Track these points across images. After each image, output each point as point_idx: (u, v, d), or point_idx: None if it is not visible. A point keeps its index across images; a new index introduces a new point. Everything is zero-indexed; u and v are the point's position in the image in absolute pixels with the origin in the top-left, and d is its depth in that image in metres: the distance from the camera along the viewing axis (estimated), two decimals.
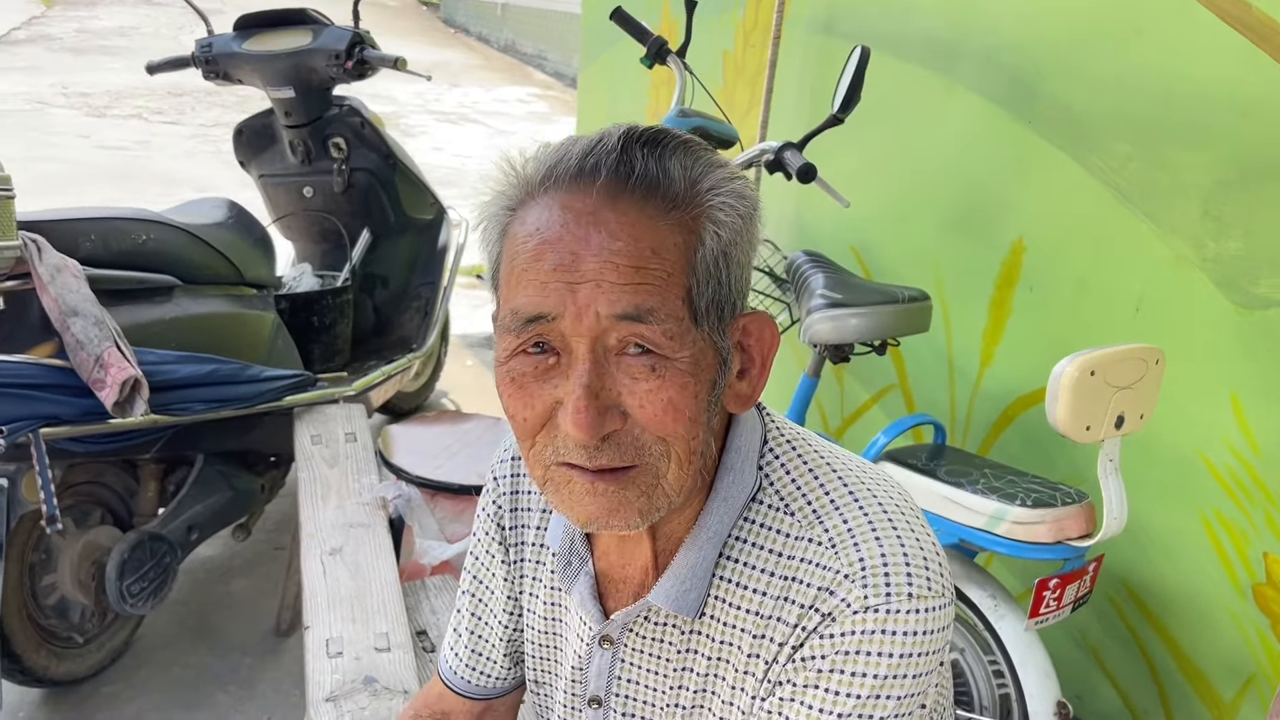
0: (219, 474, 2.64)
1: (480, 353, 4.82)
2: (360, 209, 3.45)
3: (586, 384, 0.77)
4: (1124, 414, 1.74)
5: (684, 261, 0.79)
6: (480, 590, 1.12)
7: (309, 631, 1.85)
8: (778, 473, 0.91)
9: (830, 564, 0.85)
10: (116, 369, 2.09)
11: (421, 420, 2.61)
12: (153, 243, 2.45)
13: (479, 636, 1.13)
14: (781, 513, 0.89)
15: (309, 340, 3.13)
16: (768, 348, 0.88)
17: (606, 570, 0.98)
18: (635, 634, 0.96)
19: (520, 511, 1.07)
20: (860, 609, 0.82)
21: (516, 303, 0.79)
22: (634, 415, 0.79)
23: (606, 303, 0.76)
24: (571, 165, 0.80)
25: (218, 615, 2.79)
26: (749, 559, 0.89)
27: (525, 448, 0.84)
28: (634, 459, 0.80)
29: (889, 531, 0.86)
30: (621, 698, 1.00)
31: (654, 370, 0.78)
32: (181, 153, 8.70)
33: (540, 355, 0.80)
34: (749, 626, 0.89)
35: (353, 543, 2.12)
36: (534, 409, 0.81)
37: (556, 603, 1.05)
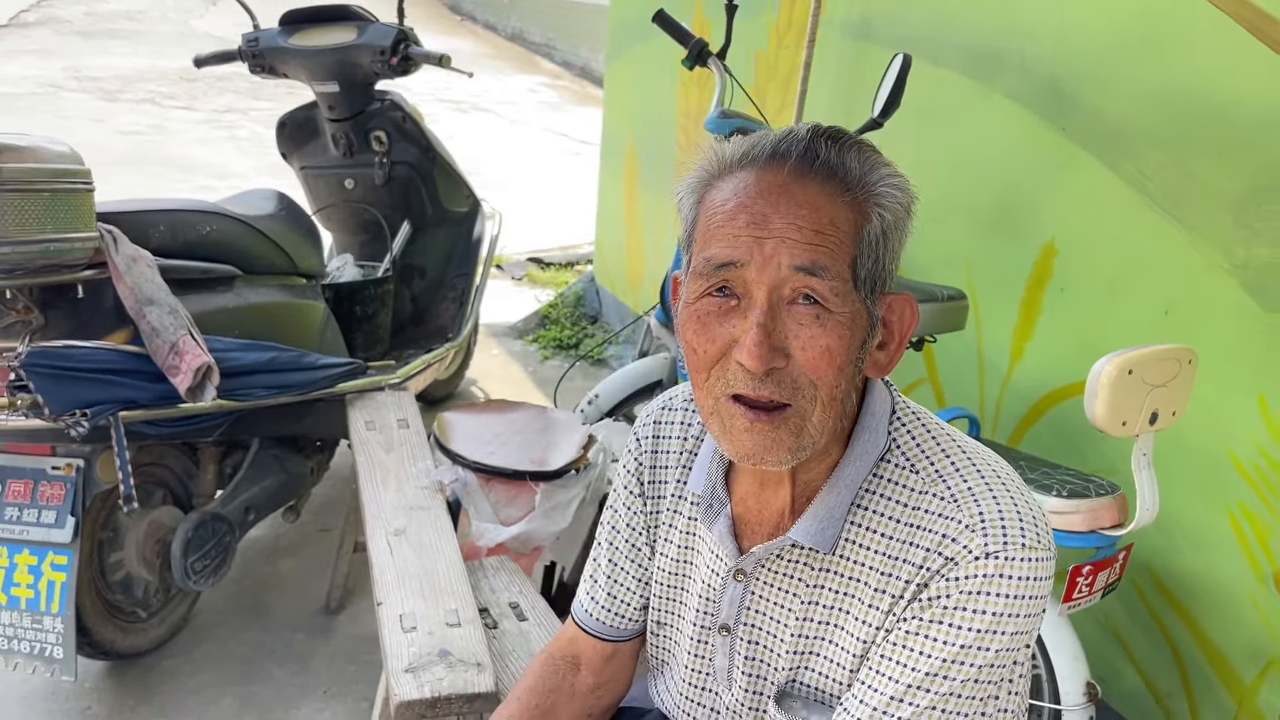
0: (273, 457, 2.74)
1: (505, 342, 4.91)
2: (400, 201, 3.55)
3: (762, 322, 0.92)
4: (1158, 411, 1.85)
5: (853, 234, 0.95)
6: (618, 539, 1.27)
7: (382, 607, 1.94)
8: (904, 438, 1.06)
9: (953, 515, 0.98)
10: (191, 356, 2.19)
11: (472, 408, 2.70)
12: (216, 234, 2.54)
13: (615, 581, 1.28)
14: (908, 471, 1.03)
15: (352, 329, 3.23)
16: (907, 325, 1.03)
17: (743, 514, 1.12)
18: (768, 569, 1.10)
19: (659, 468, 1.22)
20: (981, 554, 0.95)
21: (710, 251, 0.95)
22: (795, 357, 0.93)
23: (789, 255, 0.92)
24: (766, 149, 0.96)
25: (268, 594, 2.89)
26: (878, 507, 1.03)
27: (699, 380, 0.99)
28: (790, 397, 0.94)
29: (1003, 492, 1.00)
30: (749, 626, 1.13)
31: (818, 319, 0.93)
32: (195, 138, 8.76)
33: (723, 298, 0.95)
34: (877, 565, 1.02)
35: (415, 524, 2.22)
36: (714, 343, 0.96)
37: (690, 545, 1.20)
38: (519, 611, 2.07)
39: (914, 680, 0.98)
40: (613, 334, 4.78)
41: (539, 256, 6.20)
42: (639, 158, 4.61)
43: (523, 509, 2.36)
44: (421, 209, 3.57)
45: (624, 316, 4.80)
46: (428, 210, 3.59)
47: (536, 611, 2.07)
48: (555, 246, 6.46)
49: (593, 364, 4.64)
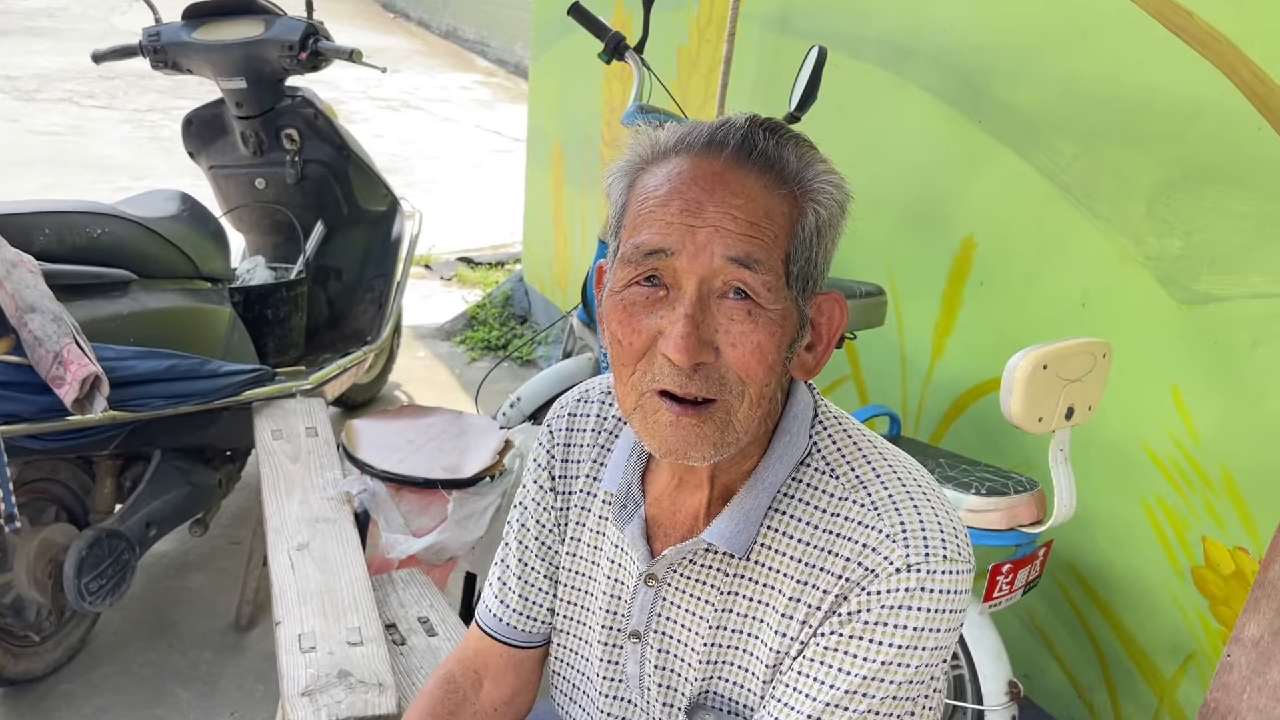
0: (176, 469, 2.63)
1: (432, 344, 4.81)
2: (313, 201, 3.43)
3: (690, 314, 0.88)
4: (1074, 405, 1.82)
5: (788, 228, 0.91)
6: (527, 536, 1.21)
7: (280, 627, 1.85)
8: (825, 442, 1.02)
9: (873, 523, 0.95)
10: (76, 366, 2.07)
11: (384, 415, 2.61)
12: (108, 236, 2.42)
13: (526, 582, 1.21)
14: (828, 476, 1.00)
15: (263, 334, 3.11)
16: (835, 327, 0.99)
17: (657, 516, 1.08)
18: (679, 574, 1.05)
19: (572, 462, 1.17)
20: (902, 567, 0.92)
21: (640, 238, 0.91)
22: (724, 353, 0.90)
23: (722, 245, 0.88)
24: (703, 136, 0.93)
25: (175, 611, 2.77)
26: (796, 512, 0.99)
27: (624, 374, 0.94)
28: (716, 393, 0.90)
29: (924, 501, 0.96)
30: (659, 633, 1.08)
31: (749, 315, 0.89)
32: (116, 139, 8.50)
33: (651, 288, 0.91)
34: (793, 572, 0.98)
35: (320, 538, 2.13)
36: (639, 335, 0.91)
37: (599, 546, 1.14)
38: (429, 626, 1.99)
39: (832, 698, 0.95)
40: (540, 332, 4.70)
41: (469, 256, 6.09)
42: (564, 155, 4.54)
43: (435, 519, 2.28)
44: (336, 208, 3.46)
45: (553, 316, 4.72)
46: (343, 210, 3.48)
47: (447, 625, 1.99)
48: (486, 245, 6.35)
49: (521, 365, 4.56)
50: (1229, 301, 1.86)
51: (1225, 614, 1.91)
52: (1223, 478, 1.89)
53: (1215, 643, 1.94)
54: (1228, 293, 1.86)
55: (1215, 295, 1.88)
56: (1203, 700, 1.68)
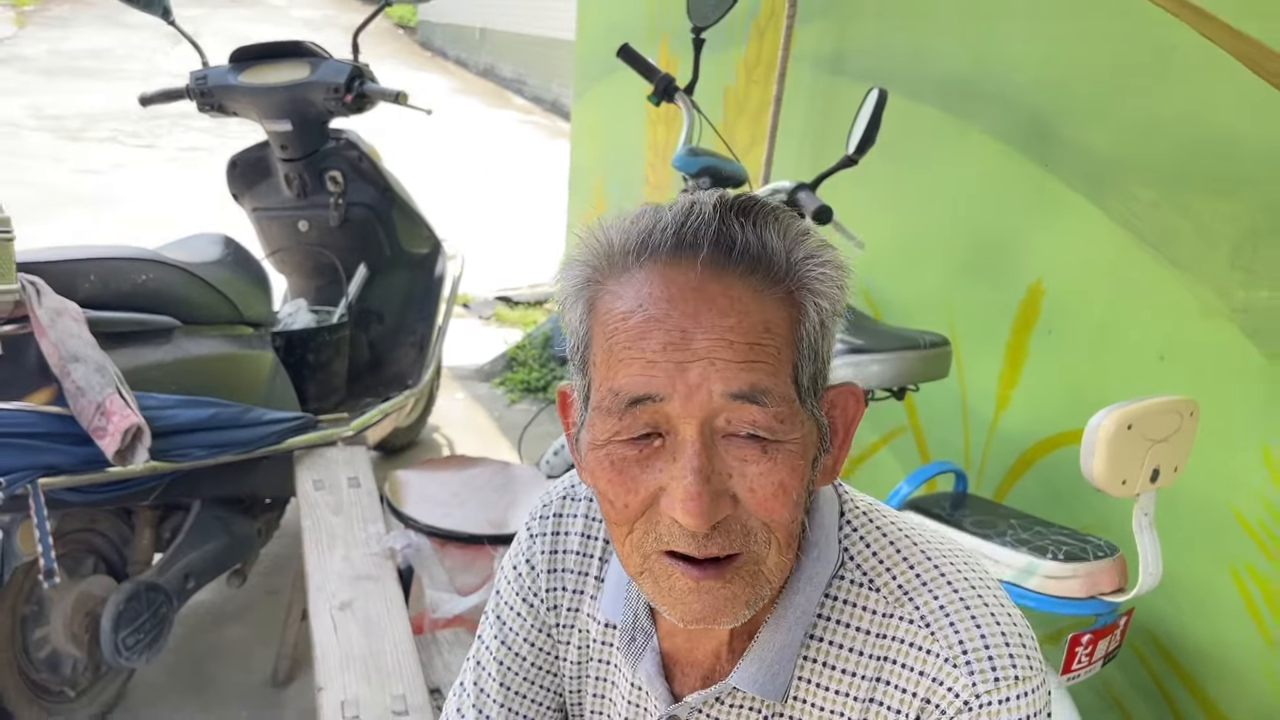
0: (216, 519, 2.57)
1: (470, 386, 4.75)
2: (356, 244, 3.40)
3: (698, 468, 0.74)
4: (1159, 467, 1.72)
5: (791, 337, 0.77)
6: (514, 662, 1.04)
7: (323, 693, 1.78)
8: (857, 546, 0.89)
9: (928, 646, 0.82)
10: (119, 417, 2.02)
11: (427, 465, 2.55)
12: (152, 283, 2.38)
13: (514, 712, 1.04)
14: (866, 589, 0.87)
15: (304, 378, 3.06)
16: (851, 419, 0.86)
17: (672, 651, 0.94)
18: (704, 714, 0.93)
19: (559, 573, 1.01)
20: (970, 699, 0.80)
21: (618, 383, 0.76)
22: (742, 500, 0.76)
23: (721, 381, 0.73)
24: (668, 236, 0.76)
25: (212, 664, 2.70)
26: (836, 638, 0.87)
27: (620, 534, 0.80)
28: (740, 546, 0.77)
29: (982, 609, 0.84)
30: None
31: (765, 452, 0.76)
32: (158, 178, 8.59)
33: (643, 439, 0.77)
34: (846, 711, 0.86)
35: (362, 596, 2.05)
36: (636, 495, 0.78)
37: (606, 677, 1.01)
38: None
39: None
40: None
41: (507, 295, 6.06)
42: (606, 196, 4.49)
43: (480, 576, 2.20)
44: (379, 251, 3.43)
45: None
46: (386, 252, 3.44)
47: None
48: (524, 285, 6.32)
49: None
50: None
51: None
52: None
53: None
54: None
55: None
56: None
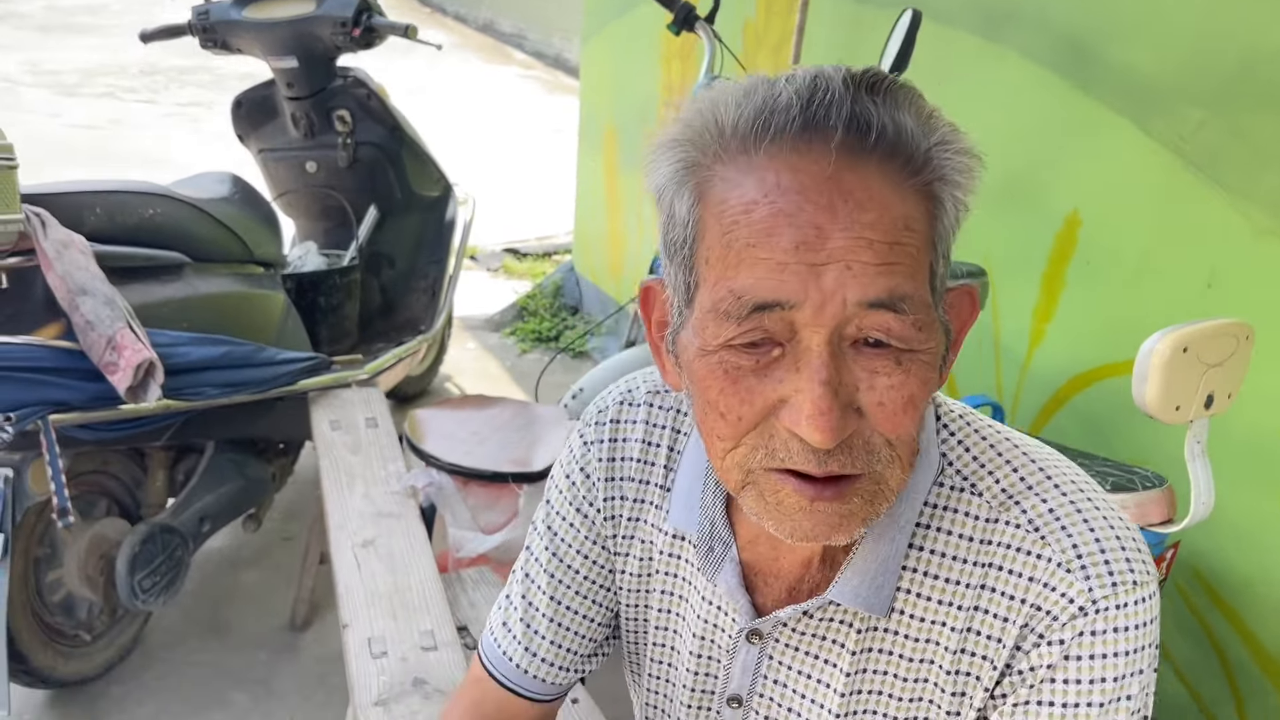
0: (230, 462, 2.52)
1: (481, 335, 4.69)
2: (366, 185, 3.31)
3: (826, 379, 0.66)
4: (1213, 393, 1.66)
5: (930, 234, 0.69)
6: (562, 571, 0.98)
7: (348, 630, 1.73)
8: (956, 451, 0.82)
9: (1039, 550, 0.77)
10: (131, 351, 1.96)
11: (447, 404, 2.49)
12: (160, 217, 2.31)
13: (562, 626, 0.99)
14: (968, 494, 0.80)
15: (315, 322, 3.00)
16: (964, 323, 0.78)
17: (753, 561, 0.88)
18: (793, 630, 0.86)
19: (618, 482, 0.94)
20: (1085, 605, 0.74)
21: (740, 284, 0.67)
22: (869, 414, 0.69)
23: (858, 288, 0.65)
24: (794, 116, 0.67)
25: (229, 609, 2.66)
26: (938, 546, 0.80)
27: (723, 447, 0.73)
28: (863, 466, 0.70)
29: (1093, 512, 0.78)
30: (767, 699, 0.90)
31: (899, 364, 0.68)
32: (157, 132, 8.47)
33: (760, 346, 0.69)
34: (950, 621, 0.80)
35: (385, 534, 2.00)
36: (751, 406, 0.70)
37: (674, 591, 0.94)
38: None
39: None
40: (595, 324, 4.56)
41: (515, 247, 5.98)
42: (619, 139, 4.39)
43: (505, 514, 2.15)
44: (389, 193, 3.34)
45: (606, 306, 4.58)
46: (396, 194, 3.36)
47: None
48: (531, 237, 6.23)
49: (574, 357, 4.42)
50: None
51: None
52: None
53: None
54: None
55: None
56: None
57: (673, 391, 0.93)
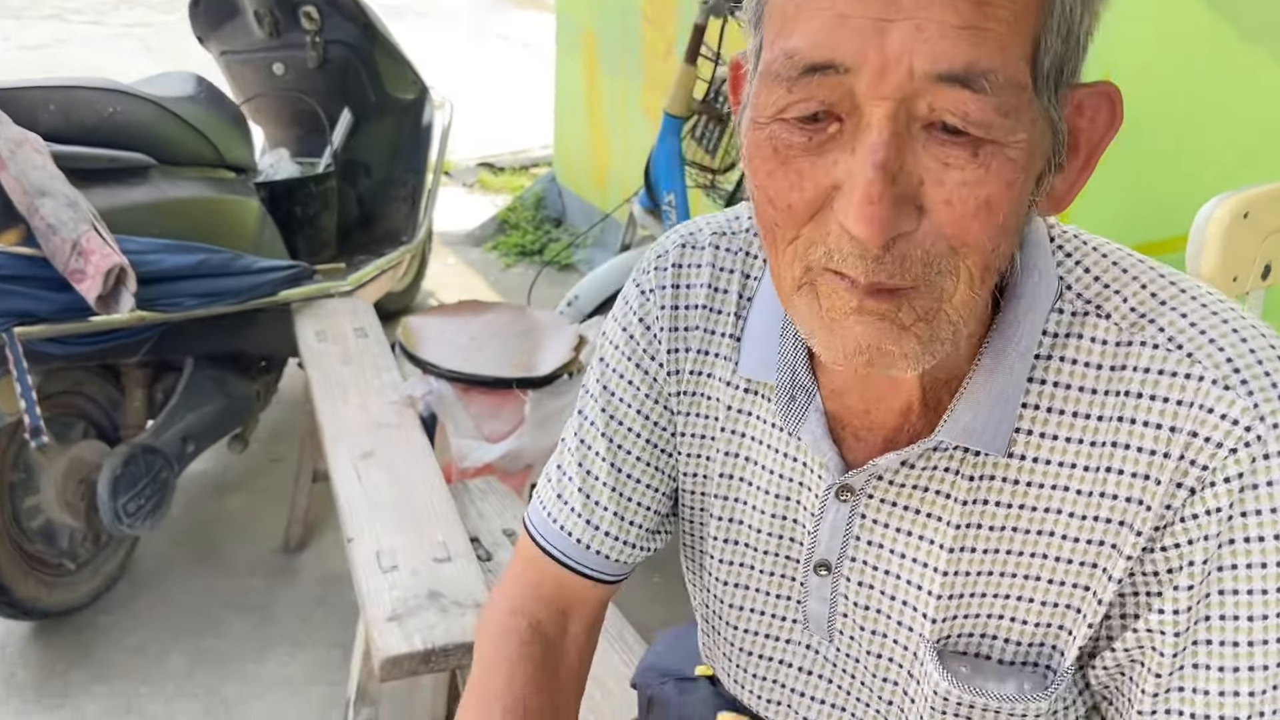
0: (211, 380, 2.38)
1: (462, 251, 4.53)
2: (337, 87, 3.12)
3: (882, 162, 0.55)
4: (1271, 263, 1.56)
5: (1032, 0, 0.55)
6: (624, 437, 0.86)
7: (354, 544, 1.62)
8: (1075, 273, 0.70)
9: (1186, 370, 0.64)
10: (99, 257, 1.81)
11: (442, 311, 2.36)
12: (121, 116, 2.14)
13: (624, 497, 0.87)
14: (1094, 316, 0.68)
15: (292, 233, 2.84)
16: (1101, 135, 0.64)
17: (840, 413, 0.76)
18: (890, 483, 0.74)
19: (681, 332, 0.83)
20: (1255, 424, 0.62)
21: (794, 41, 0.56)
22: (932, 214, 0.57)
23: (928, 55, 0.53)
24: None
25: (218, 534, 2.54)
26: (1061, 378, 0.68)
27: (781, 243, 0.62)
28: (916, 278, 0.58)
29: (1241, 323, 0.65)
30: (860, 562, 0.78)
31: (975, 156, 0.56)
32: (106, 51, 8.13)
33: (816, 122, 0.57)
34: (1075, 460, 0.68)
35: (385, 445, 1.88)
36: (802, 192, 0.59)
37: (735, 452, 0.83)
38: (515, 539, 1.76)
39: (1250, 663, 0.64)
40: (580, 236, 4.41)
41: (490, 161, 5.78)
42: (599, 43, 4.20)
43: (509, 422, 2.04)
44: (362, 95, 3.15)
45: (590, 217, 4.42)
46: (369, 97, 3.17)
47: None
48: (506, 151, 6.03)
49: (560, 269, 4.28)
50: None
51: None
52: None
53: None
54: None
55: None
56: None
57: (740, 234, 0.82)
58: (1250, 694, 0.64)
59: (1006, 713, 0.73)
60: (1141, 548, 0.67)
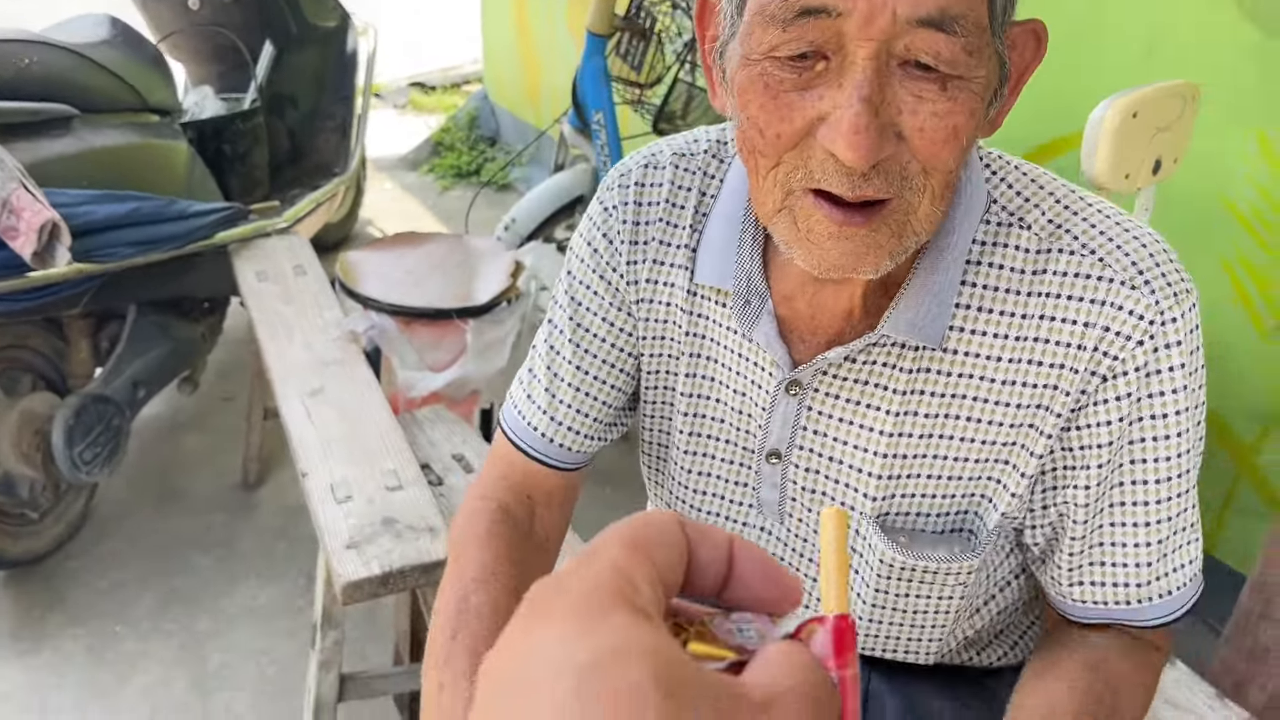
0: (155, 325, 2.41)
1: (398, 175, 4.52)
2: (255, 19, 3.08)
3: (867, 96, 0.64)
4: (1160, 158, 1.65)
5: None
6: (585, 338, 0.95)
7: (308, 479, 1.68)
8: (1000, 188, 0.80)
9: (1098, 272, 0.76)
10: (30, 213, 1.82)
11: (379, 245, 2.39)
12: (37, 66, 2.12)
13: (585, 394, 0.96)
14: (1016, 227, 0.79)
15: (223, 172, 2.83)
16: (1027, 65, 0.75)
17: (789, 317, 0.85)
18: (834, 377, 0.84)
19: (640, 245, 0.91)
20: (1155, 317, 0.74)
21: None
22: (909, 139, 0.66)
23: (909, 2, 0.62)
24: None
25: (177, 474, 2.60)
26: (990, 280, 0.79)
27: (763, 166, 0.70)
28: (895, 192, 0.67)
29: (1138, 229, 0.77)
30: (807, 450, 0.88)
31: (944, 90, 0.65)
32: None
33: (804, 59, 0.66)
34: (1007, 354, 0.79)
35: (332, 381, 1.94)
36: (790, 124, 0.67)
37: (697, 353, 0.92)
38: (465, 463, 1.84)
39: (1157, 514, 0.80)
40: (516, 154, 4.42)
41: (420, 80, 5.71)
42: None
43: (452, 351, 2.10)
44: (283, 26, 3.11)
45: (525, 134, 4.42)
46: (290, 27, 3.13)
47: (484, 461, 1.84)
48: (436, 69, 5.95)
49: (498, 190, 4.29)
50: None
51: None
52: None
53: None
54: None
55: None
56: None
57: (698, 155, 0.90)
58: (1158, 541, 0.80)
59: (943, 572, 0.85)
60: (1060, 427, 0.79)
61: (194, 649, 2.10)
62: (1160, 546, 0.81)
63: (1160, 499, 0.79)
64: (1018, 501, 0.83)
